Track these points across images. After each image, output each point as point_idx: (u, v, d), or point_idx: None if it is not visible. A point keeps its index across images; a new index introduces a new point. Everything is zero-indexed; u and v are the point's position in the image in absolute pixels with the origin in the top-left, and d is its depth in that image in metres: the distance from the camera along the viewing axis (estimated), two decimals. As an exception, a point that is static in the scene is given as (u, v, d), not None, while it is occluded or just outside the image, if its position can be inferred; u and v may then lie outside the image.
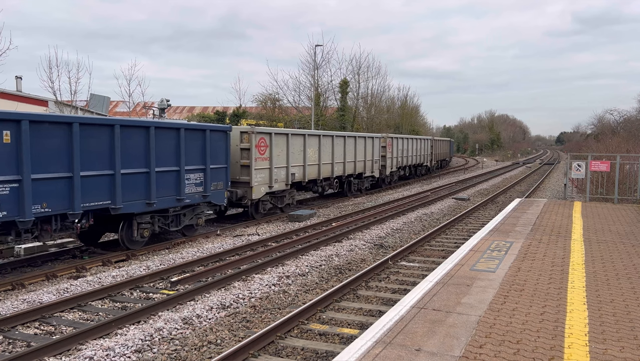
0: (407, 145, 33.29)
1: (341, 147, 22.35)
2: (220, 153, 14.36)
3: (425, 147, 38.80)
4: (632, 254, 9.32)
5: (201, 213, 13.96)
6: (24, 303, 8.37)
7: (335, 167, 21.73)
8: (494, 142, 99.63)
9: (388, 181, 29.71)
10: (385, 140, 28.47)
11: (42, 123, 9.54)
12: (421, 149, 37.19)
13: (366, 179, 25.76)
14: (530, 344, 5.16)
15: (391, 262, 11.04)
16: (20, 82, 27.93)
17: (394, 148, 30.10)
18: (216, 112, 48.02)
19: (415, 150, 35.08)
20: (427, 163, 39.70)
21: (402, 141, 32.05)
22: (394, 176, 30.99)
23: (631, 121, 55.20)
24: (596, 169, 17.91)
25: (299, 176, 18.96)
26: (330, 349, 6.50)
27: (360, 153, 24.38)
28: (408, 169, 34.27)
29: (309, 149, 19.43)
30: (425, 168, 39.23)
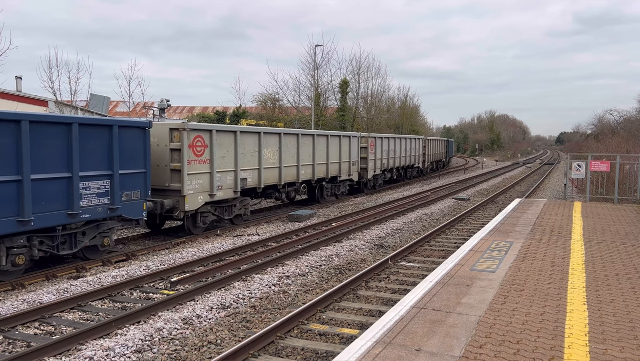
0: (393, 145, 30.20)
1: (309, 148, 19.37)
2: (137, 155, 11.72)
3: (417, 148, 35.80)
4: (632, 254, 9.32)
5: (109, 230, 11.31)
6: (24, 303, 8.37)
7: (301, 170, 18.84)
8: (494, 143, 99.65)
9: (371, 185, 26.95)
10: (366, 140, 25.70)
11: None
12: (412, 149, 34.14)
13: (342, 183, 22.98)
14: (530, 344, 5.16)
15: (391, 262, 11.04)
16: (20, 82, 27.92)
17: (378, 149, 27.20)
18: (216, 112, 48.06)
19: (404, 151, 32.32)
20: (419, 165, 36.58)
21: (387, 140, 29.03)
22: (377, 180, 27.97)
23: (631, 121, 55.22)
24: (596, 169, 17.91)
25: (253, 181, 16.12)
26: (330, 349, 6.50)
27: (334, 154, 21.47)
28: (396, 172, 31.12)
29: (266, 149, 16.65)
30: (416, 170, 36.29)
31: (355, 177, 23.98)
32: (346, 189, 23.35)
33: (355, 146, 24.01)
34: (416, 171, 35.71)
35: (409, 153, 33.03)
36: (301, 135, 18.91)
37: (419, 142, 35.54)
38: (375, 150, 26.62)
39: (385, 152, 28.38)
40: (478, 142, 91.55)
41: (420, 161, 35.81)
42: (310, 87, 42.70)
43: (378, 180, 28.06)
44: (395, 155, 30.06)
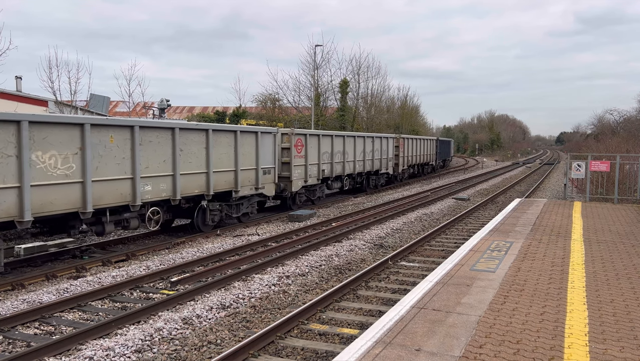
0: (341, 146, 24.55)
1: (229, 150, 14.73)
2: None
3: (385, 150, 31.28)
4: (632, 254, 9.32)
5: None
6: (24, 303, 8.37)
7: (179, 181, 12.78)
8: (494, 142, 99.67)
9: (302, 199, 21.25)
10: (289, 137, 19.46)
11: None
12: (376, 152, 29.04)
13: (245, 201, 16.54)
14: (530, 344, 5.16)
15: (391, 262, 11.04)
16: (20, 82, 27.90)
17: (311, 150, 20.79)
18: (216, 112, 48.07)
19: (363, 153, 26.82)
20: (388, 170, 31.42)
21: (329, 140, 22.79)
22: (315, 192, 22.20)
23: (631, 121, 55.24)
24: (596, 169, 17.91)
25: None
26: (330, 349, 6.50)
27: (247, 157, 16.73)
28: (349, 180, 25.14)
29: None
30: (385, 177, 31.10)
31: (269, 191, 16.70)
32: (254, 209, 16.72)
33: (270, 146, 16.83)
34: (385, 178, 29.08)
35: (372, 156, 26.23)
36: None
37: (387, 142, 28.76)
38: (305, 151, 19.49)
39: (327, 155, 21.31)
40: (478, 142, 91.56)
41: (391, 165, 29.30)
42: (310, 87, 42.74)
43: (316, 192, 21.14)
44: (345, 159, 22.95)
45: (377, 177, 27.80)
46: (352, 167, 23.91)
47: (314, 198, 21.04)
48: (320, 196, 21.55)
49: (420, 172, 38.20)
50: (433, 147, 41.12)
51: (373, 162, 26.51)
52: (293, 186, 18.81)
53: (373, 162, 26.52)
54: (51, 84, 26.13)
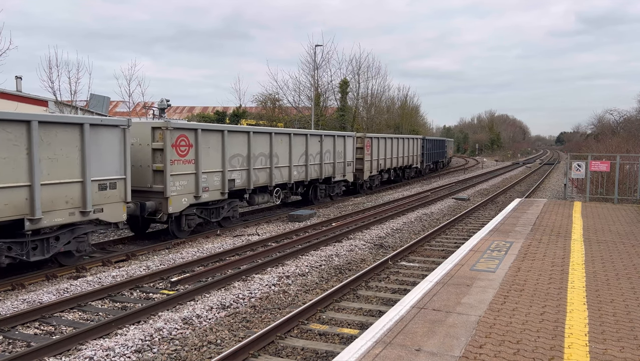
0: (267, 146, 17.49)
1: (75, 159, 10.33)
2: None
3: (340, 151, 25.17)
4: (632, 254, 9.32)
5: None
6: (24, 303, 8.37)
7: None
8: (494, 142, 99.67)
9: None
10: (162, 133, 12.98)
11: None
12: (325, 155, 22.66)
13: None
14: (530, 344, 5.16)
15: (391, 262, 11.04)
16: (20, 82, 27.90)
17: (202, 153, 13.85)
18: (216, 112, 48.08)
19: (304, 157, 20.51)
20: (344, 176, 25.40)
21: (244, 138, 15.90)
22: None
23: (631, 121, 55.24)
24: (596, 169, 17.92)
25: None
26: (330, 349, 6.50)
27: None
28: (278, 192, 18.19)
29: None
30: (341, 184, 25.35)
31: (114, 215, 11.24)
32: None
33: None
34: (342, 186, 23.38)
35: (320, 160, 20.29)
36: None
37: (344, 143, 22.61)
38: (197, 154, 13.46)
39: (239, 159, 15.28)
40: (478, 142, 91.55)
41: (350, 171, 23.58)
42: (310, 87, 42.74)
43: (221, 211, 14.97)
44: (274, 164, 16.96)
45: (330, 186, 21.74)
46: (287, 175, 17.90)
47: (218, 218, 14.73)
48: (230, 216, 15.24)
49: (401, 176, 32.69)
50: (417, 147, 35.18)
51: (322, 167, 20.25)
52: (172, 207, 12.74)
53: (322, 168, 20.26)
54: (51, 84, 26.16)
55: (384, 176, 29.30)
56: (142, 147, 12.90)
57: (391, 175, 30.57)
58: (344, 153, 22.58)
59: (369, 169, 26.17)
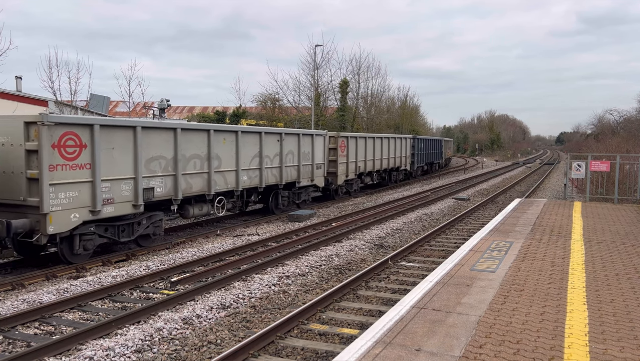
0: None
1: None
2: None
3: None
4: (632, 254, 9.32)
5: None
6: (24, 303, 8.37)
7: None
8: (494, 142, 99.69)
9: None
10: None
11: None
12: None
13: None
14: (530, 344, 5.16)
15: (391, 262, 11.04)
16: (20, 82, 27.91)
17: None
18: (216, 112, 48.07)
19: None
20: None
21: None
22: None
23: (631, 121, 55.27)
24: (596, 169, 17.92)
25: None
26: (330, 349, 6.50)
27: None
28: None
29: None
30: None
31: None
32: None
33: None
34: (311, 192, 20.26)
35: (280, 163, 17.24)
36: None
37: (312, 143, 19.49)
38: (94, 157, 10.56)
39: (161, 162, 12.30)
40: (478, 142, 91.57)
41: (320, 174, 20.30)
42: (310, 87, 42.77)
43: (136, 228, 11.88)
44: (213, 167, 13.95)
45: (294, 192, 18.81)
46: (234, 181, 14.86)
47: (131, 237, 11.73)
48: (150, 233, 12.34)
49: (387, 180, 29.95)
50: (406, 148, 32.32)
51: (282, 171, 17.31)
52: (54, 226, 9.88)
53: (282, 172, 17.33)
54: (51, 84, 26.18)
55: (365, 180, 26.43)
56: (13, 148, 10.04)
57: (374, 178, 27.65)
58: (312, 154, 19.43)
59: (344, 172, 23.05)
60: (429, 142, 39.46)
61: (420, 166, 36.59)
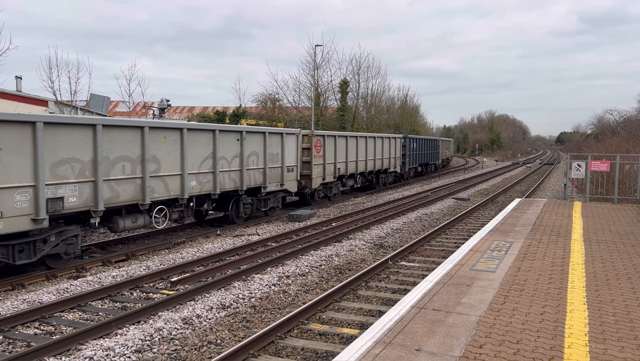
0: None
1: None
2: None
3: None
4: (632, 254, 9.32)
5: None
6: (24, 303, 8.37)
7: None
8: (494, 142, 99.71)
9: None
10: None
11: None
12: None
13: None
14: (530, 344, 5.16)
15: (391, 262, 11.04)
16: (20, 82, 27.92)
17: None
18: (216, 112, 48.07)
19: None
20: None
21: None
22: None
23: (631, 121, 55.27)
24: (596, 169, 17.92)
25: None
26: (330, 349, 6.50)
27: None
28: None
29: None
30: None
31: None
32: None
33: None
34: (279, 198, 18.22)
35: (240, 165, 15.14)
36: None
37: (282, 142, 17.31)
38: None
39: (74, 166, 10.30)
40: (478, 142, 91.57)
41: (293, 177, 18.12)
42: (310, 87, 42.75)
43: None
44: (153, 171, 12.09)
45: (259, 199, 16.59)
46: (178, 187, 12.81)
47: (32, 258, 9.74)
48: (62, 252, 10.44)
49: (375, 183, 27.90)
50: (395, 149, 30.01)
51: (243, 175, 15.09)
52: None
53: (244, 176, 15.10)
54: (51, 84, 26.19)
55: (347, 183, 24.25)
56: None
57: (357, 182, 25.30)
58: (282, 156, 17.23)
59: (320, 174, 20.73)
60: (423, 142, 37.43)
61: (412, 168, 34.66)
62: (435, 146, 41.60)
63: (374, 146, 26.48)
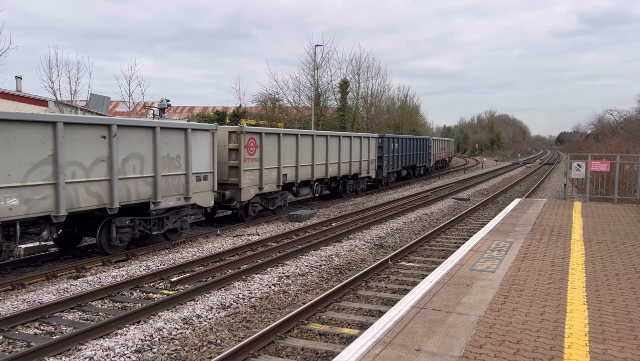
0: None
1: None
2: None
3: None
4: (632, 254, 9.32)
5: None
6: (24, 303, 8.37)
7: None
8: (494, 142, 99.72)
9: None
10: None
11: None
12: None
13: None
14: (530, 344, 5.16)
15: (391, 262, 11.04)
16: (20, 82, 27.93)
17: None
18: (216, 112, 48.10)
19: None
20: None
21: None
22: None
23: (631, 121, 55.27)
24: (596, 169, 17.92)
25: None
26: (330, 349, 6.50)
27: None
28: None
29: None
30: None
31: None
32: None
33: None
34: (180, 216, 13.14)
35: (104, 174, 10.84)
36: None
37: (186, 139, 12.96)
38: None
39: None
40: (478, 142, 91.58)
41: (201, 188, 13.59)
42: (310, 87, 42.76)
43: None
44: None
45: (147, 221, 12.18)
46: None
47: None
48: None
49: (342, 190, 23.59)
50: (368, 150, 25.57)
51: (112, 187, 10.86)
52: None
53: (112, 189, 10.87)
54: (51, 84, 26.19)
55: (301, 192, 19.41)
56: None
57: (316, 190, 20.47)
58: (187, 159, 12.92)
59: (254, 183, 16.27)
60: (409, 142, 33.14)
61: (393, 172, 30.43)
62: (425, 146, 37.41)
63: (338, 147, 22.02)
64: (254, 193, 16.44)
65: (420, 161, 36.27)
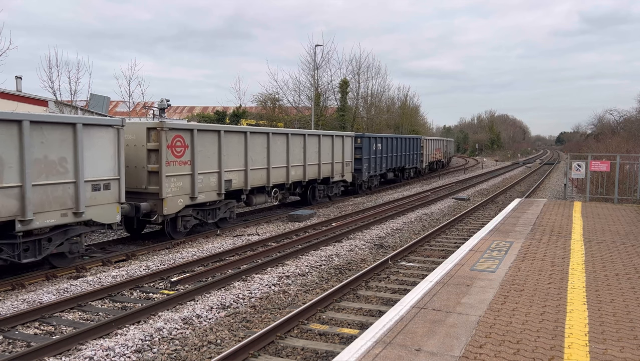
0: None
1: None
2: None
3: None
4: (632, 254, 9.32)
5: None
6: (24, 303, 8.37)
7: None
8: (494, 142, 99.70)
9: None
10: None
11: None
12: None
13: None
14: (530, 344, 5.16)
15: (391, 262, 11.04)
16: (20, 82, 27.92)
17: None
18: (216, 112, 48.07)
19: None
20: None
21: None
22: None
23: (631, 121, 55.24)
24: (596, 169, 17.92)
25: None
26: (330, 349, 6.50)
27: None
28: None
29: None
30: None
31: None
32: None
33: None
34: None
35: None
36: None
37: (76, 138, 10.14)
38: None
39: None
40: (478, 142, 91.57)
41: (95, 199, 10.65)
42: (310, 87, 42.74)
43: None
44: None
45: (14, 246, 9.42)
46: None
47: None
48: None
49: (310, 197, 20.72)
50: (343, 151, 22.39)
51: None
52: None
53: None
54: (51, 84, 26.15)
55: (256, 200, 16.53)
56: None
57: (273, 197, 17.38)
58: (76, 164, 10.25)
59: (184, 191, 13.23)
60: (394, 143, 30.01)
61: (375, 175, 27.56)
62: (416, 146, 34.36)
63: (302, 147, 18.89)
64: (183, 204, 13.19)
65: (410, 162, 33.45)
